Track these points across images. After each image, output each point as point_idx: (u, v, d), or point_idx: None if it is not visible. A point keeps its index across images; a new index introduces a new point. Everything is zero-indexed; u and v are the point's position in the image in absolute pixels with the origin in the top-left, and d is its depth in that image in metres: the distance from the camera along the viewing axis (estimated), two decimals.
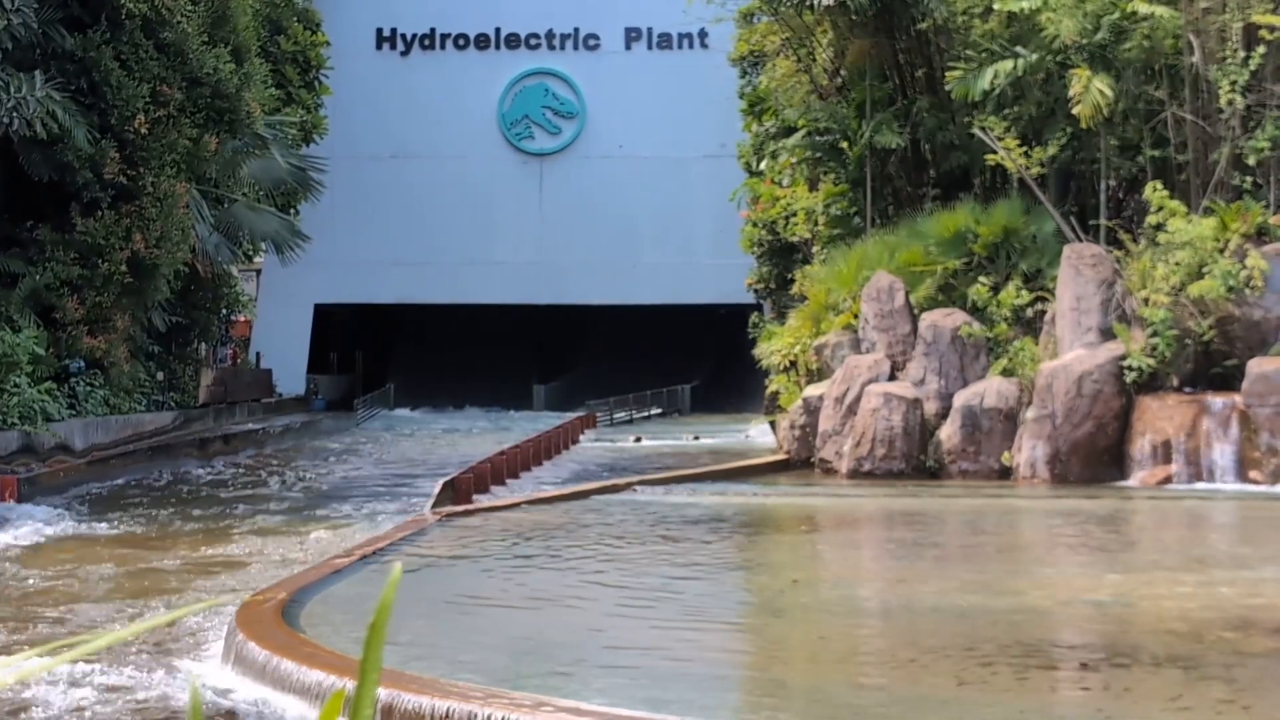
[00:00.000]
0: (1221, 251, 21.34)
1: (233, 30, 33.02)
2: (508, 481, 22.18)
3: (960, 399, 22.21)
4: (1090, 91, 22.54)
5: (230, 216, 36.88)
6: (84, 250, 29.14)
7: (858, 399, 22.73)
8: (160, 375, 34.89)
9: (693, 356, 56.65)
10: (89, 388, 29.12)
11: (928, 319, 23.03)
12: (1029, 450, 21.36)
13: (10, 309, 27.58)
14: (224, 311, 40.52)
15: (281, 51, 43.81)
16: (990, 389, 22.09)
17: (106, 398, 29.74)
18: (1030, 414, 21.50)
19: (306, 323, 53.62)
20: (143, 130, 29.49)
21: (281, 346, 51.52)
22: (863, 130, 27.21)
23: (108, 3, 28.95)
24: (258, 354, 51.19)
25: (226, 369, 44.90)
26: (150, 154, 29.75)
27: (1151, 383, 21.11)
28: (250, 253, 41.96)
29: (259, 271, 52.13)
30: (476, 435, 37.02)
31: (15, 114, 24.53)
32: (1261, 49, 22.48)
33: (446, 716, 7.17)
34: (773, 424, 26.04)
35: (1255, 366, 20.40)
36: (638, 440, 34.16)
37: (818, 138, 29.20)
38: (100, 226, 29.17)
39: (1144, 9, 22.67)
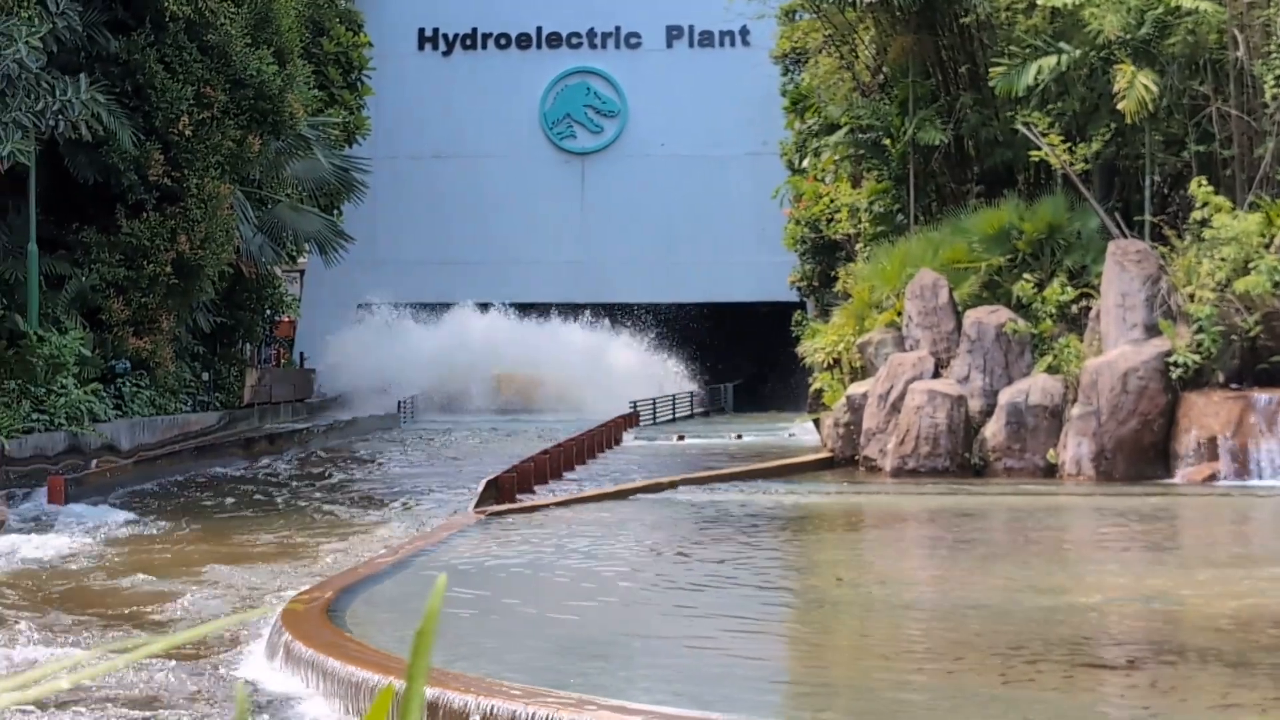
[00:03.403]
0: (1267, 247, 21.19)
1: (276, 32, 33.15)
2: (550, 480, 22.19)
3: (1005, 396, 22.12)
4: (1135, 87, 22.42)
5: (274, 217, 37.06)
6: (129, 252, 29.33)
7: (902, 397, 22.66)
8: (205, 376, 35.08)
9: (735, 355, 56.59)
10: (135, 388, 29.30)
11: (972, 316, 22.94)
12: (1074, 447, 21.26)
13: (57, 310, 27.76)
14: (268, 312, 40.68)
15: (324, 52, 43.96)
16: (1035, 386, 21.99)
17: (152, 398, 29.91)
18: (1075, 411, 21.40)
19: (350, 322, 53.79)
20: (187, 132, 29.65)
21: (325, 347, 51.70)
22: (906, 127, 27.13)
23: (152, 5, 29.12)
24: (301, 354, 51.37)
25: (271, 369, 45.07)
26: (194, 155, 29.92)
27: (1197, 379, 20.98)
28: (294, 253, 42.15)
29: (302, 272, 52.33)
30: (519, 434, 37.06)
31: (61, 117, 24.67)
32: None
33: (490, 715, 7.18)
34: (816, 422, 25.97)
35: None
36: (680, 439, 34.14)
37: (860, 135, 29.13)
38: (145, 228, 29.35)
39: (1188, 4, 22.53)
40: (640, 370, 48.75)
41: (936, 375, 22.91)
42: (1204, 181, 22.33)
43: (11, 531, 17.65)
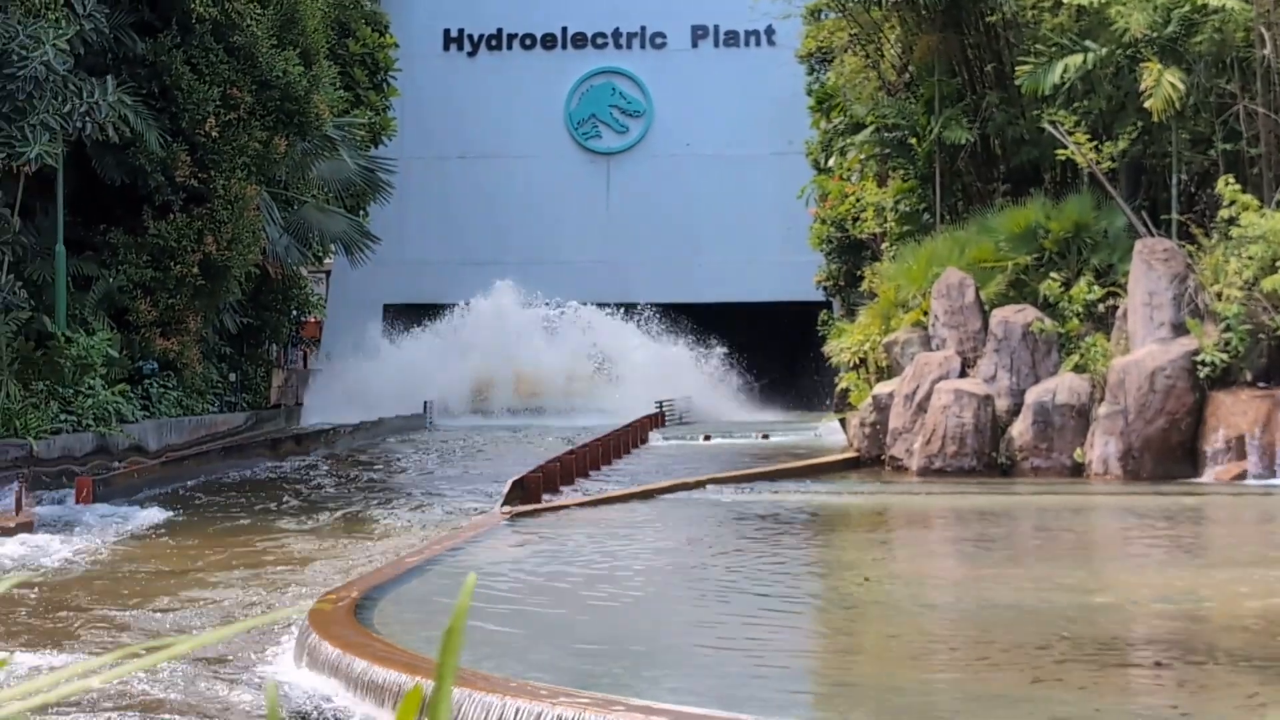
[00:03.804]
0: None
1: (301, 33, 33.24)
2: (577, 480, 22.20)
3: (1032, 395, 22.07)
4: (1162, 85, 22.36)
5: (300, 218, 37.16)
6: (156, 253, 29.45)
7: (928, 396, 22.63)
8: (232, 376, 35.20)
9: (761, 355, 56.53)
10: (162, 389, 29.41)
11: (998, 315, 22.89)
12: (1101, 447, 21.21)
13: (84, 312, 27.88)
14: (294, 312, 40.78)
15: (350, 54, 44.07)
16: (1062, 385, 21.94)
17: (179, 399, 30.03)
18: (1102, 410, 21.34)
19: (376, 323, 53.87)
20: (213, 133, 29.76)
21: (351, 347, 51.82)
22: (932, 126, 27.10)
23: (178, 7, 29.23)
24: (328, 355, 51.48)
25: (297, 370, 45.19)
26: (221, 157, 30.02)
27: (1225, 378, 20.91)
28: (320, 254, 42.25)
29: (328, 273, 52.45)
30: (545, 434, 37.08)
31: (88, 119, 24.77)
32: None
33: (517, 716, 7.18)
34: (842, 422, 25.94)
35: None
36: (707, 438, 34.13)
37: (886, 134, 29.10)
38: (172, 229, 29.47)
39: (1215, 2, 22.45)
40: (670, 370, 48.67)
41: (963, 374, 22.87)
42: (1231, 180, 22.25)
43: (39, 532, 17.71)
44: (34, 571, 14.74)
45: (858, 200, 35.43)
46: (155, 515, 19.87)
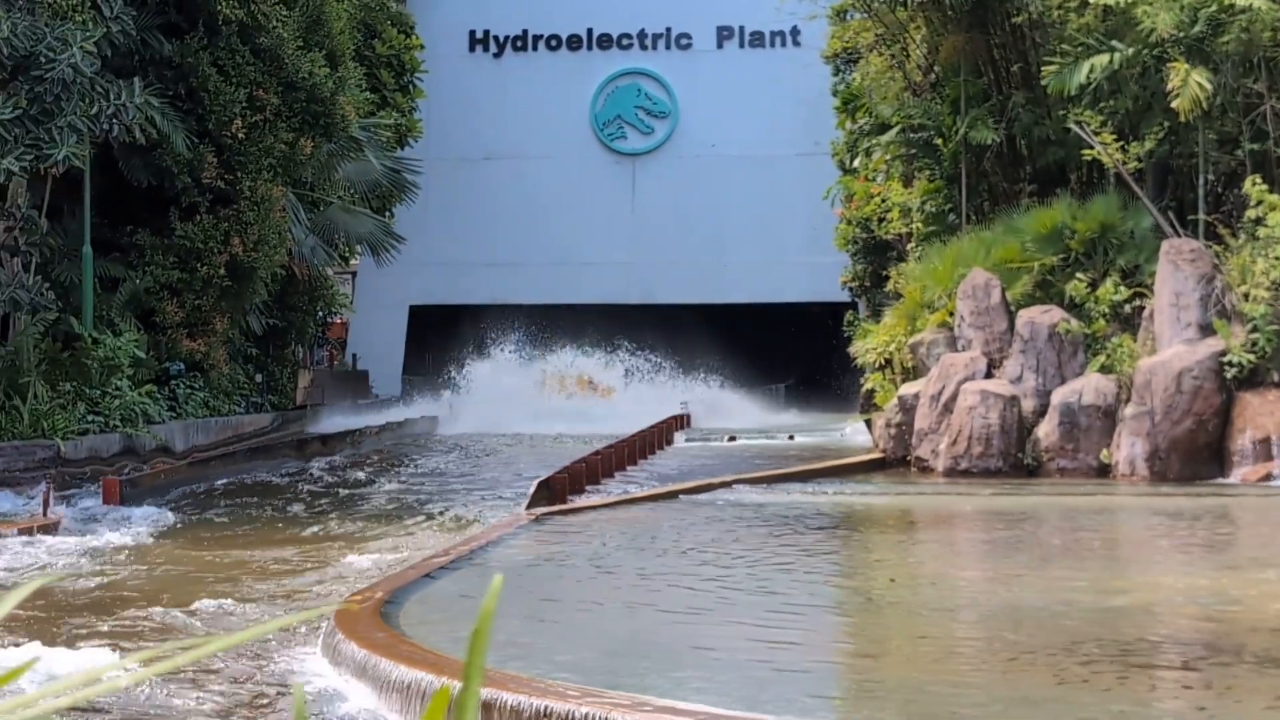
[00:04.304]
0: None
1: (327, 35, 33.32)
2: (602, 481, 22.21)
3: (1058, 396, 22.03)
4: (1189, 85, 22.29)
5: (326, 219, 37.24)
6: (183, 254, 29.55)
7: (954, 397, 22.60)
8: (258, 377, 35.29)
9: (786, 355, 56.47)
10: (189, 390, 29.51)
11: (1024, 316, 22.85)
12: (1128, 447, 21.16)
13: (111, 313, 27.99)
14: (320, 313, 40.87)
15: (376, 55, 44.15)
16: (1088, 386, 21.89)
17: (206, 400, 30.12)
18: (1129, 411, 21.29)
19: (401, 324, 53.93)
20: (240, 135, 29.85)
21: (377, 348, 51.92)
22: (957, 126, 27.05)
23: (205, 9, 29.32)
24: (354, 355, 51.61)
25: (323, 370, 45.29)
26: (247, 158, 30.11)
27: (1252, 378, 20.85)
28: (346, 255, 42.33)
29: (354, 274, 52.56)
30: (570, 436, 37.09)
31: (115, 120, 24.85)
32: None
33: (544, 715, 7.19)
34: (868, 423, 25.92)
35: None
36: (731, 439, 34.10)
37: (912, 134, 29.06)
38: (199, 230, 29.56)
39: (1241, 2, 22.38)
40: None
41: (989, 375, 22.83)
42: (1258, 180, 22.18)
43: (67, 532, 17.78)
44: (61, 572, 14.80)
45: (883, 201, 35.38)
46: (181, 516, 19.93)
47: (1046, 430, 21.95)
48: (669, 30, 55.72)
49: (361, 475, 26.98)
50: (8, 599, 1.56)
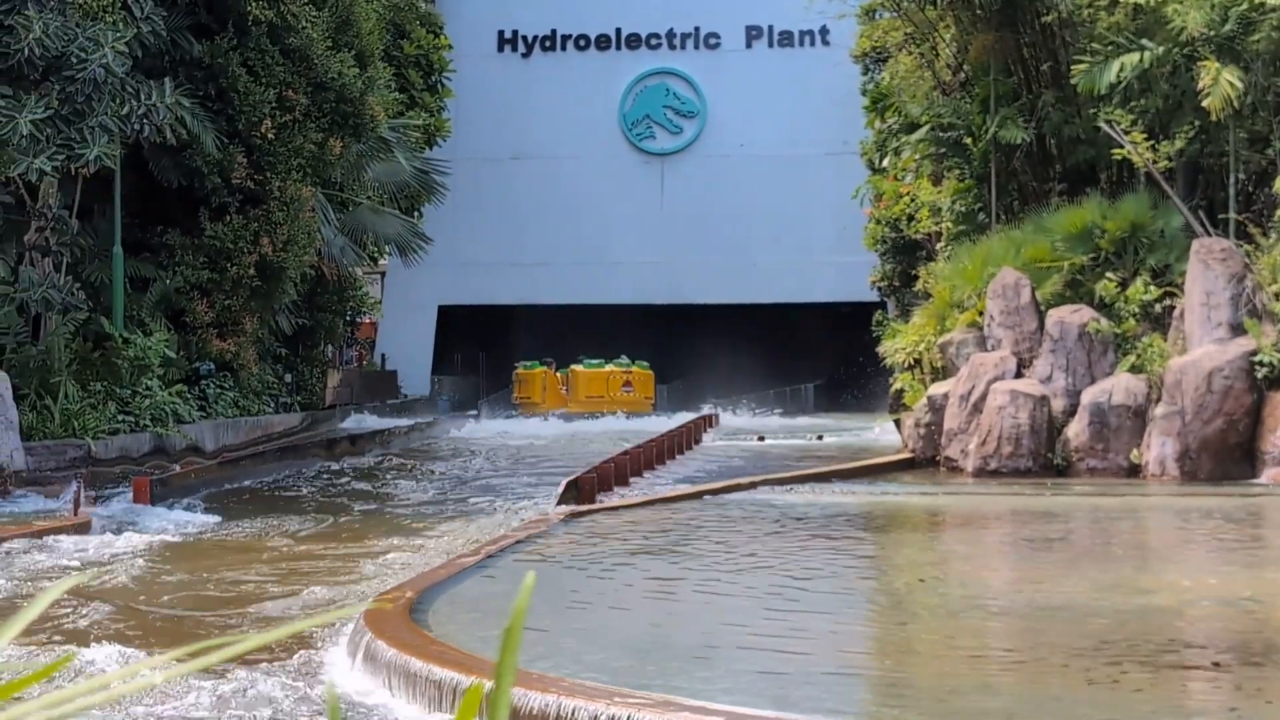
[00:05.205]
0: None
1: (356, 35, 33.40)
2: (631, 481, 22.21)
3: (1088, 396, 21.97)
4: (1219, 84, 22.21)
5: (355, 219, 37.34)
6: (213, 254, 29.65)
7: (983, 397, 22.55)
8: (288, 377, 35.38)
9: (815, 355, 56.44)
10: (219, 390, 29.60)
11: (1054, 315, 22.79)
12: (1158, 447, 21.08)
13: (142, 313, 28.10)
14: (349, 314, 40.96)
15: (405, 55, 44.24)
16: (1118, 386, 21.82)
17: (236, 399, 30.22)
18: (1159, 411, 21.22)
19: (430, 324, 54.01)
20: (269, 135, 29.93)
21: (406, 348, 52.03)
22: (987, 125, 27.00)
23: (234, 9, 29.41)
24: (383, 355, 51.72)
25: (352, 370, 45.39)
26: (277, 158, 30.20)
27: None
28: (375, 255, 42.42)
29: (383, 274, 52.68)
30: (598, 435, 37.11)
31: (146, 121, 24.94)
32: None
33: (572, 715, 7.20)
34: (897, 423, 25.87)
35: None
36: (760, 439, 34.09)
37: (941, 134, 29.00)
38: (229, 230, 29.66)
39: (1272, 0, 22.30)
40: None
41: (1018, 375, 22.77)
42: None
43: (97, 532, 17.84)
44: (92, 571, 14.85)
45: (912, 200, 35.33)
46: (212, 515, 19.99)
47: (1076, 430, 21.89)
48: (697, 30, 55.72)
49: (390, 475, 27.04)
50: (42, 598, 1.57)
